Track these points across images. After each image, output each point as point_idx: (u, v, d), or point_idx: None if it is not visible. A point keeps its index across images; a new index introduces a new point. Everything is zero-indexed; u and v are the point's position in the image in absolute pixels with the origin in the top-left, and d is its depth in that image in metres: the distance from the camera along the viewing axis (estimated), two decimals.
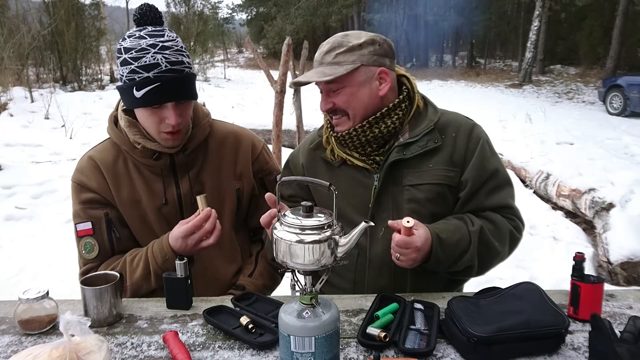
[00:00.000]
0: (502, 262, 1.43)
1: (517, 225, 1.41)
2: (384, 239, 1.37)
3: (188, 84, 1.39)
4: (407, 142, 1.38)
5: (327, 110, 1.40)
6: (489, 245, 1.33)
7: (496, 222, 1.37)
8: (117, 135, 1.47)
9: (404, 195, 1.38)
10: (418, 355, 1.05)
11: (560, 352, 1.07)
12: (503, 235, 1.36)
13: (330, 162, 1.47)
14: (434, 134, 1.39)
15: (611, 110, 11.88)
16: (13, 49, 12.33)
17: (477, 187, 1.37)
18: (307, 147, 1.55)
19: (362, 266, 1.43)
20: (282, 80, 5.44)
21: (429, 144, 1.37)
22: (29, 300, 1.16)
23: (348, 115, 1.38)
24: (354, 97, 1.36)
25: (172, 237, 1.37)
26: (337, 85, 1.36)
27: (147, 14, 1.37)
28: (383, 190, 1.39)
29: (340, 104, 1.37)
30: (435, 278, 1.42)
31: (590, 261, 3.81)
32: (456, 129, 1.41)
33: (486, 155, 1.40)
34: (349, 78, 1.34)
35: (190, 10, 21.68)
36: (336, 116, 1.40)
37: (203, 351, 1.10)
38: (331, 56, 1.35)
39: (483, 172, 1.38)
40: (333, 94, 1.38)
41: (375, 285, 1.41)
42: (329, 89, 1.38)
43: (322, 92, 1.41)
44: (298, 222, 0.93)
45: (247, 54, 34.05)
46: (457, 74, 23.80)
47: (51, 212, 4.82)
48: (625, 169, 5.01)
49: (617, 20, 17.03)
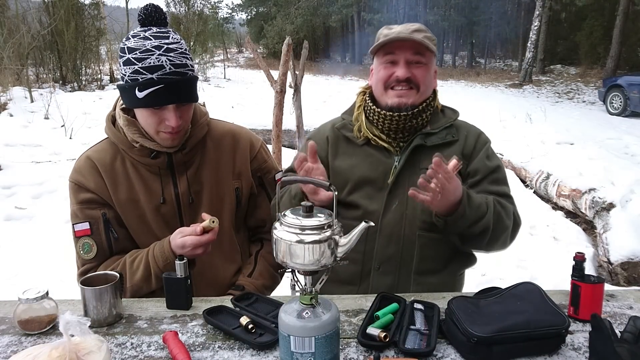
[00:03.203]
0: (504, 248, 1.51)
1: (517, 213, 1.51)
2: (397, 211, 1.49)
3: (190, 87, 1.39)
4: (428, 132, 1.52)
5: (405, 77, 1.47)
6: (499, 217, 1.42)
7: (502, 202, 1.47)
8: (115, 135, 1.47)
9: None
10: (418, 355, 1.05)
11: (561, 352, 1.07)
12: (509, 213, 1.46)
13: (352, 141, 1.57)
14: (452, 129, 1.55)
15: (611, 110, 11.88)
16: (13, 49, 12.33)
17: (482, 177, 1.51)
18: (329, 126, 1.65)
19: (373, 235, 1.48)
20: (282, 80, 5.44)
21: (447, 137, 1.53)
22: (29, 300, 1.16)
23: (418, 89, 1.49)
24: (429, 75, 1.51)
25: (175, 245, 1.37)
26: (423, 59, 1.48)
27: (152, 15, 1.37)
28: (402, 171, 1.50)
29: (419, 76, 1.48)
30: (441, 250, 1.49)
31: (591, 261, 3.80)
32: (467, 131, 1.58)
33: (490, 155, 1.56)
34: (431, 59, 1.51)
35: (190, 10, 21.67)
36: (406, 87, 1.48)
37: (203, 351, 1.10)
38: (421, 35, 1.47)
39: (488, 165, 1.52)
40: (413, 66, 1.48)
41: (383, 254, 1.48)
42: (412, 60, 1.47)
43: (401, 61, 1.47)
44: (298, 222, 0.93)
45: (247, 54, 34.06)
46: (457, 74, 23.79)
47: (51, 212, 4.82)
48: (626, 169, 5.00)
49: (618, 20, 17.04)
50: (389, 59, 1.49)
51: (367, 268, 1.50)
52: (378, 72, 1.53)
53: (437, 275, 1.50)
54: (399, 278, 1.48)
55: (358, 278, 1.51)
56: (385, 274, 1.48)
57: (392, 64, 1.49)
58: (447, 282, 1.52)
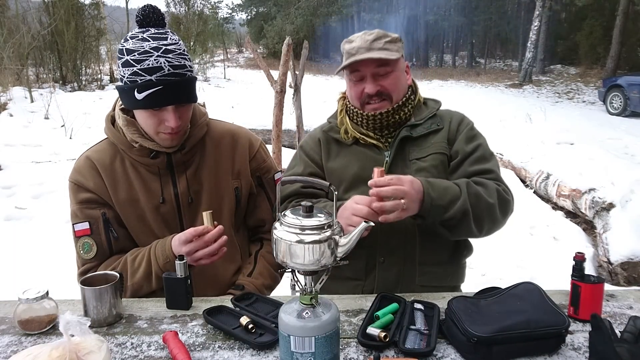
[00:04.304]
0: (498, 226, 1.47)
1: (504, 188, 1.48)
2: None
3: (189, 88, 1.39)
4: (413, 123, 1.56)
5: (375, 92, 1.50)
6: (478, 195, 1.39)
7: (481, 181, 1.45)
8: (114, 135, 1.47)
9: (412, 167, 1.52)
10: (418, 355, 1.05)
11: (561, 352, 1.07)
12: (490, 190, 1.43)
13: (342, 142, 1.61)
14: (436, 118, 1.59)
15: (611, 110, 11.88)
16: (13, 49, 12.34)
17: (464, 157, 1.52)
18: (319, 129, 1.69)
19: (374, 230, 1.45)
20: (282, 80, 5.44)
21: (432, 126, 1.56)
22: (29, 300, 1.16)
23: (390, 99, 1.53)
24: (398, 82, 1.54)
25: (175, 246, 1.38)
26: (388, 68, 1.50)
27: (150, 16, 1.37)
28: (393, 165, 1.53)
29: (388, 86, 1.51)
30: (442, 240, 1.48)
31: (591, 261, 3.80)
32: (450, 117, 1.62)
33: (472, 135, 1.57)
34: (397, 64, 1.53)
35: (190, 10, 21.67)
36: (377, 99, 1.52)
37: (203, 351, 1.10)
38: (380, 43, 1.48)
39: (469, 145, 1.54)
40: (381, 78, 1.51)
41: (386, 247, 1.48)
42: (378, 72, 1.50)
43: (368, 76, 1.50)
44: (298, 222, 0.93)
45: (247, 54, 34.05)
46: (457, 74, 23.80)
47: (51, 212, 4.82)
48: (626, 169, 4.99)
49: (618, 20, 17.04)
50: (356, 76, 1.53)
51: (372, 262, 1.50)
52: (349, 90, 1.58)
53: (441, 265, 1.52)
54: (404, 269, 1.49)
55: (363, 273, 1.52)
56: (390, 266, 1.49)
57: (360, 80, 1.53)
58: (451, 272, 1.55)
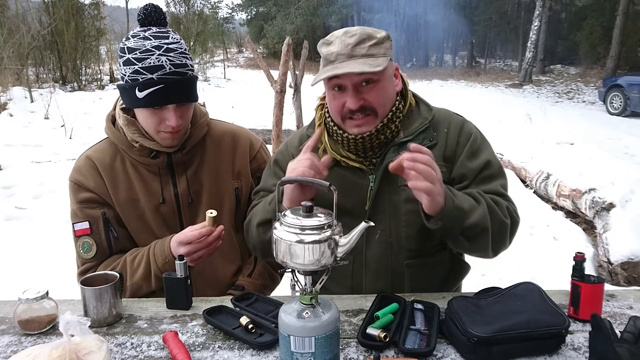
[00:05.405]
0: (505, 246, 1.34)
1: (513, 208, 1.34)
2: (381, 241, 1.36)
3: (190, 87, 1.39)
4: (402, 141, 1.32)
5: (357, 108, 1.26)
6: (493, 212, 1.25)
7: (493, 198, 1.31)
8: (114, 134, 1.47)
9: (401, 195, 1.33)
10: (418, 355, 1.05)
11: (561, 352, 1.06)
12: (502, 208, 1.29)
13: None
14: (429, 131, 1.35)
15: (611, 110, 11.88)
16: (13, 49, 12.33)
17: (470, 179, 1.33)
18: (296, 143, 1.46)
19: (359, 271, 1.40)
20: (282, 80, 5.44)
21: (424, 142, 1.32)
22: (29, 300, 1.16)
23: (375, 114, 1.29)
24: (385, 93, 1.30)
25: (174, 246, 1.38)
26: (373, 78, 1.25)
27: (151, 15, 1.37)
28: (379, 192, 1.34)
29: (373, 100, 1.27)
30: (433, 276, 1.41)
31: (591, 261, 3.80)
32: (447, 124, 1.37)
33: (477, 149, 1.36)
34: (384, 72, 1.26)
35: (190, 9, 21.69)
36: (361, 115, 1.28)
37: (203, 351, 1.10)
38: (364, 48, 1.24)
39: (474, 162, 1.34)
40: (365, 90, 1.26)
41: (373, 290, 1.36)
42: (361, 84, 1.26)
43: (349, 88, 1.26)
44: (298, 222, 0.93)
45: (247, 54, 34.05)
46: (457, 74, 23.81)
47: (51, 212, 4.82)
48: (626, 169, 4.99)
49: (618, 20, 17.04)
50: (335, 83, 1.27)
51: None
52: (329, 101, 1.33)
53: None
54: None
55: None
56: None
57: (341, 91, 1.28)
58: None
